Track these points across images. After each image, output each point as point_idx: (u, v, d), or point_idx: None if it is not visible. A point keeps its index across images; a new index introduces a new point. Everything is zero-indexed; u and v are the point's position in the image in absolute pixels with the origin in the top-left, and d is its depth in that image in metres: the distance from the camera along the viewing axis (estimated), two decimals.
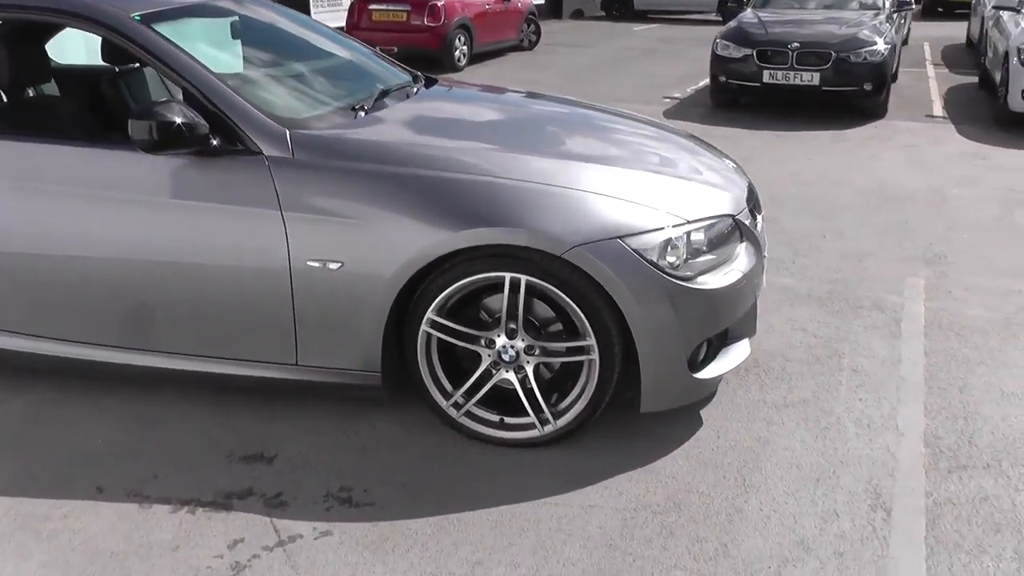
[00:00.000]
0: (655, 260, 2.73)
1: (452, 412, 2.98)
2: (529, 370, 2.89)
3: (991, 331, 4.00)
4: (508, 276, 2.75)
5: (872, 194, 6.26)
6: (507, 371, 2.91)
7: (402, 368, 3.01)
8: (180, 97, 3.26)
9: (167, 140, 2.74)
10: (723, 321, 2.93)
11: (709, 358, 2.97)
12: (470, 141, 3.16)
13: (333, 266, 2.79)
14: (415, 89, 3.76)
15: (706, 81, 10.27)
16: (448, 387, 2.99)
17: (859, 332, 4.00)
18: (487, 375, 2.93)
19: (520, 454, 2.98)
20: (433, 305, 2.82)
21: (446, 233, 2.70)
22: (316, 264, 2.79)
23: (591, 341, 2.78)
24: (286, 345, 2.94)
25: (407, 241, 2.73)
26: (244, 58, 3.53)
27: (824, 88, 8.70)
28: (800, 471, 2.91)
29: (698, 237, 2.86)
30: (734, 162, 3.64)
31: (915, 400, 3.38)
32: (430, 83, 4.01)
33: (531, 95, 4.20)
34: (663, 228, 2.78)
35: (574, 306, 2.74)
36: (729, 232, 2.99)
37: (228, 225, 2.82)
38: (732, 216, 3.04)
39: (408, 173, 2.79)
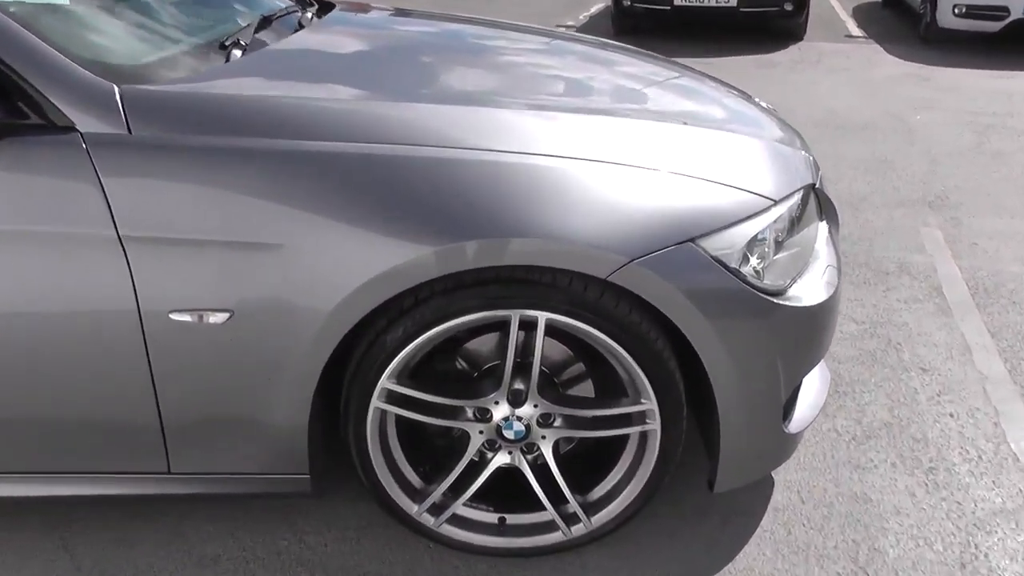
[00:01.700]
0: (738, 268, 1.72)
1: (428, 521, 1.90)
2: (546, 449, 1.85)
3: None
4: (517, 315, 1.68)
5: (827, 125, 5.48)
6: (510, 452, 1.86)
7: (338, 456, 1.91)
8: None
9: None
10: (824, 348, 1.97)
11: (792, 402, 2.01)
12: (423, 94, 1.98)
13: (215, 319, 1.64)
14: (308, 16, 2.55)
15: (602, 5, 9.26)
16: (417, 483, 1.91)
17: (902, 310, 3.17)
18: (479, 460, 1.87)
19: (538, 564, 1.96)
20: (391, 368, 1.72)
21: (410, 252, 1.60)
22: (186, 317, 1.64)
23: (650, 404, 1.76)
24: (149, 447, 1.78)
25: (342, 269, 1.61)
26: None
27: (743, 9, 7.87)
28: (935, 552, 2.03)
29: (782, 224, 1.86)
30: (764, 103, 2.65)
31: (1014, 407, 2.57)
32: (326, 8, 2.79)
33: (472, 21, 3.00)
34: (749, 217, 1.77)
35: (624, 353, 1.71)
36: (806, 209, 2.00)
37: (20, 263, 1.60)
38: (813, 185, 2.05)
39: (334, 152, 1.64)
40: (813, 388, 2.11)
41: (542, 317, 1.67)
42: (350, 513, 2.12)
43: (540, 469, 1.87)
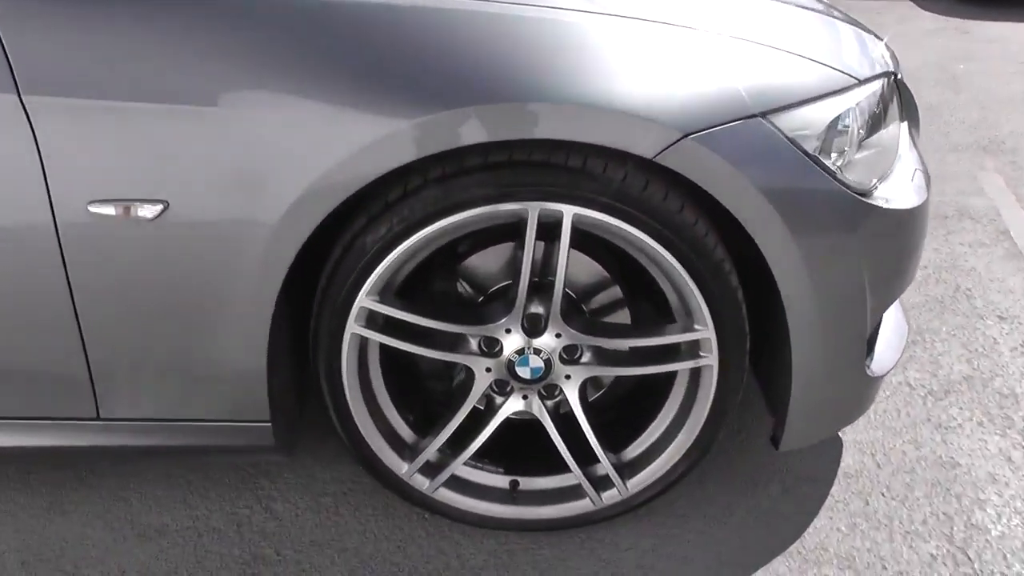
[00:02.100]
0: (817, 154, 1.33)
1: (421, 484, 1.51)
2: (571, 392, 1.45)
3: None
4: (535, 209, 1.28)
5: None
6: (524, 396, 1.46)
7: (308, 403, 1.52)
8: None
9: None
10: (914, 269, 1.57)
11: (874, 338, 1.61)
12: None
13: (146, 211, 1.25)
14: None
15: None
16: (407, 436, 1.52)
17: (968, 254, 2.78)
18: (486, 407, 1.48)
19: (560, 539, 1.58)
20: (372, 281, 1.32)
21: (393, 121, 1.20)
22: (109, 210, 1.25)
23: (705, 331, 1.37)
24: (73, 385, 1.39)
25: (304, 145, 1.22)
26: None
27: None
28: None
29: (864, 112, 1.46)
30: None
31: None
32: None
33: None
34: (830, 94, 1.36)
35: (673, 262, 1.31)
36: (889, 106, 1.60)
37: None
38: (895, 73, 1.65)
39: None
40: (892, 325, 1.71)
41: (568, 212, 1.27)
42: (327, 476, 1.73)
43: (562, 419, 1.48)
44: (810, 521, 1.64)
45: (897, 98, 1.68)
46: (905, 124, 1.72)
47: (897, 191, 1.48)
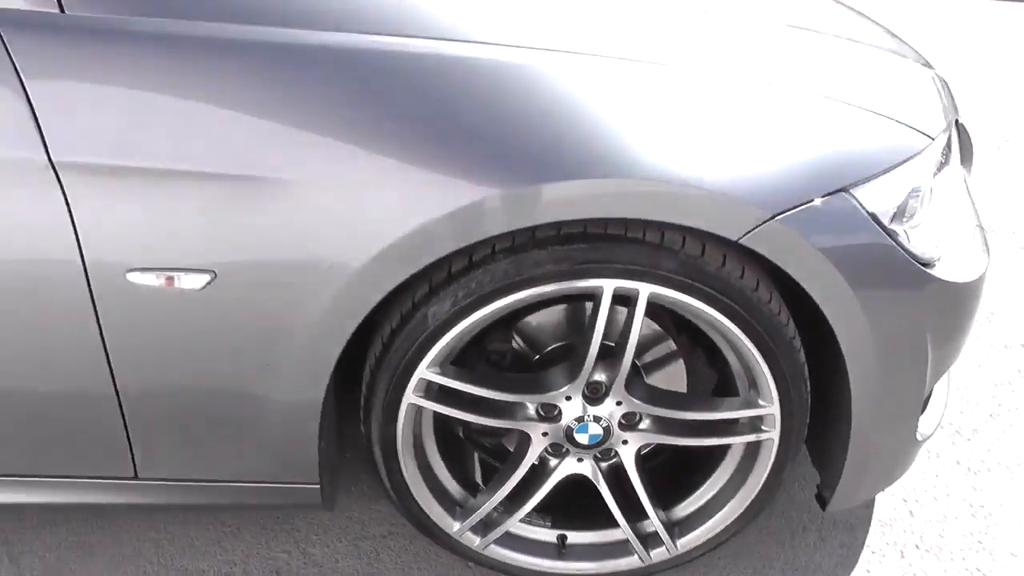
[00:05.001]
0: (891, 227, 1.30)
1: (472, 542, 1.49)
2: (627, 456, 1.43)
3: None
4: (610, 287, 1.24)
5: None
6: (580, 460, 1.44)
7: (349, 440, 1.49)
8: None
9: None
10: (967, 336, 1.56)
11: (927, 400, 1.60)
12: None
13: (192, 281, 1.18)
14: None
15: None
16: (456, 492, 1.50)
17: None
18: (540, 466, 1.46)
19: None
20: (431, 355, 1.28)
21: (471, 193, 1.15)
22: (150, 279, 1.18)
23: (770, 407, 1.35)
24: (110, 446, 1.35)
25: (371, 216, 1.16)
26: None
27: None
28: None
29: (932, 170, 1.43)
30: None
31: None
32: None
33: None
34: (909, 159, 1.33)
35: (745, 340, 1.28)
36: (950, 151, 1.57)
37: None
38: (957, 119, 1.62)
39: (358, 48, 1.17)
40: (937, 387, 1.70)
41: (644, 291, 1.24)
42: (365, 517, 1.71)
43: (613, 473, 1.46)
44: (848, 574, 1.65)
45: (957, 142, 1.65)
46: (964, 172, 1.69)
47: (958, 259, 1.46)
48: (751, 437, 1.39)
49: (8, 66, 1.11)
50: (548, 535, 1.53)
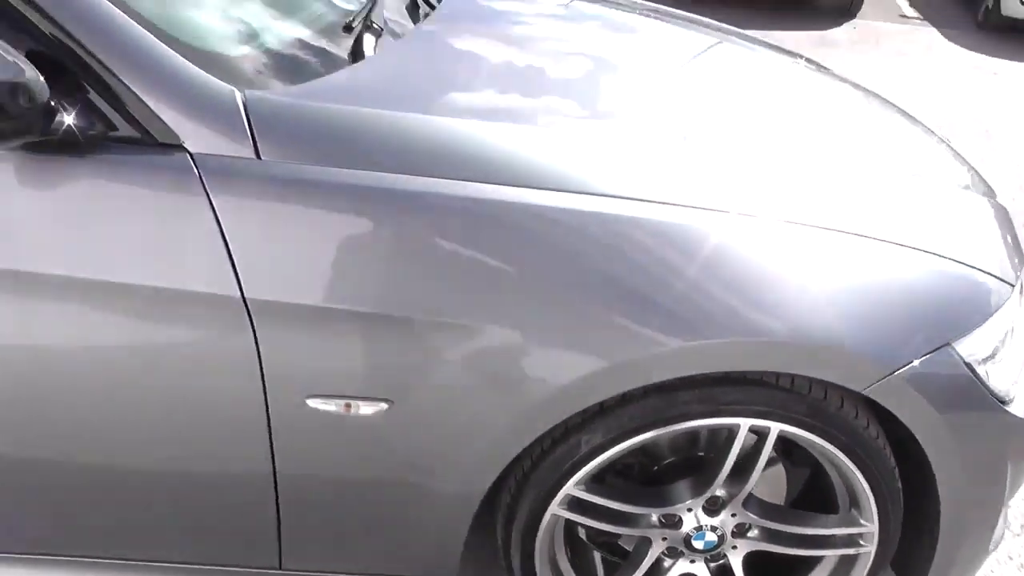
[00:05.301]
0: (983, 376, 1.44)
1: None
2: (735, 560, 1.58)
3: None
4: (746, 425, 1.39)
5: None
6: (692, 561, 1.58)
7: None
8: None
9: None
10: None
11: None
12: (643, 115, 1.61)
13: (368, 408, 1.32)
14: None
15: None
16: None
17: None
18: (655, 567, 1.60)
19: None
20: (580, 475, 1.43)
21: (648, 345, 1.29)
22: (329, 407, 1.31)
23: (870, 526, 1.50)
24: (260, 540, 1.48)
25: (546, 360, 1.30)
26: None
27: None
28: None
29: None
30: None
31: None
32: None
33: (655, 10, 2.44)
34: (998, 309, 1.47)
35: (854, 470, 1.44)
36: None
37: (106, 324, 1.26)
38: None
39: (541, 206, 1.30)
40: None
41: (775, 429, 1.39)
42: None
43: (721, 573, 1.61)
44: None
45: None
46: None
47: None
48: (850, 551, 1.54)
49: (207, 208, 1.23)
50: None
